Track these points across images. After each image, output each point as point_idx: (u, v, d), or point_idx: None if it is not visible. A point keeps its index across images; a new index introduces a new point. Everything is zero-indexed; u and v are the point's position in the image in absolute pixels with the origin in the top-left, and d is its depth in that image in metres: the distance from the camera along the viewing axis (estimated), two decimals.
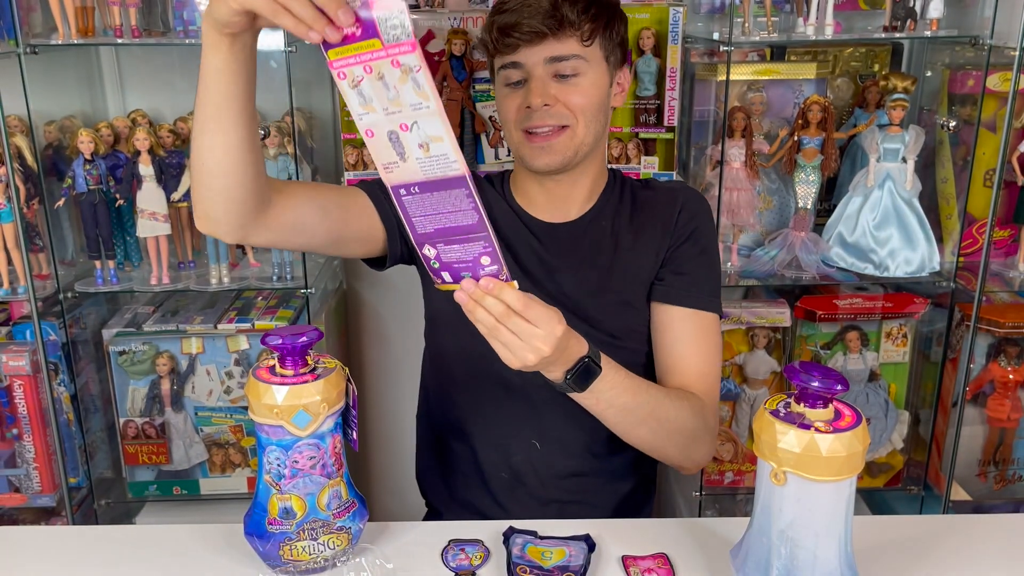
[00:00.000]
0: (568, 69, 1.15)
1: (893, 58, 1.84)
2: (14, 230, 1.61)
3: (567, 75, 1.15)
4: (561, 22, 1.12)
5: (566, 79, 1.16)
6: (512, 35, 1.13)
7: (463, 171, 0.85)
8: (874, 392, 1.83)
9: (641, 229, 1.25)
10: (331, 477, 0.98)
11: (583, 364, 1.02)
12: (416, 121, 0.82)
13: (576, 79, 1.16)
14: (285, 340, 0.94)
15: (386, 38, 0.78)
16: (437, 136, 0.82)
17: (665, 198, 1.27)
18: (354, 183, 1.72)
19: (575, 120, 1.16)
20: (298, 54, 1.62)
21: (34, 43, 1.58)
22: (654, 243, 1.24)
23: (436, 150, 0.83)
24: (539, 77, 1.15)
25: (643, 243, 1.24)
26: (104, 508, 1.86)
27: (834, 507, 0.85)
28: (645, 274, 1.23)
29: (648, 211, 1.27)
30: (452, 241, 0.92)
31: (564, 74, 1.15)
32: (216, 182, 0.97)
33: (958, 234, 1.69)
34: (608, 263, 1.24)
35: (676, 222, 1.24)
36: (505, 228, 1.26)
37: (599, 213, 1.27)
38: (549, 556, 1.01)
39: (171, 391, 1.77)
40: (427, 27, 1.70)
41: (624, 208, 1.28)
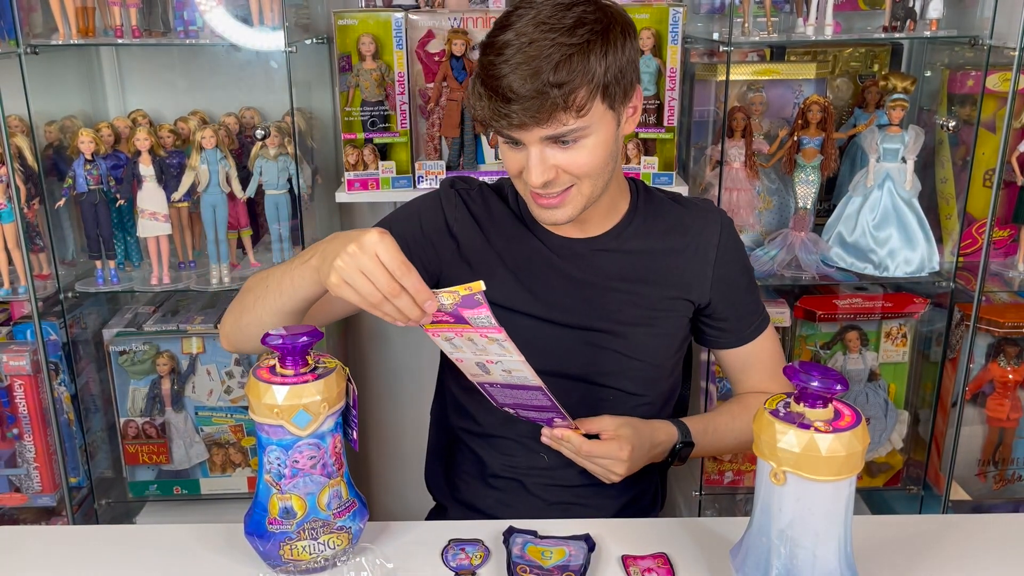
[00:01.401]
0: (568, 138, 1.05)
1: (893, 58, 1.84)
2: (15, 230, 1.61)
3: (568, 142, 1.05)
4: (551, 111, 1.00)
5: (567, 145, 1.05)
6: (499, 121, 1.03)
7: (539, 384, 1.01)
8: (874, 392, 1.83)
9: (676, 250, 1.22)
10: (331, 477, 0.98)
11: (676, 452, 1.20)
12: (500, 361, 0.99)
13: (576, 145, 1.05)
14: (285, 340, 0.94)
15: (474, 324, 0.93)
16: (518, 369, 0.99)
17: (700, 221, 1.23)
18: (354, 182, 1.74)
19: (579, 180, 1.08)
20: (298, 54, 1.62)
21: (35, 43, 1.58)
22: (693, 269, 1.21)
23: (517, 375, 1.01)
24: (535, 153, 1.05)
25: (680, 265, 1.21)
26: (104, 508, 1.86)
27: (834, 507, 0.85)
28: (682, 295, 1.22)
29: (682, 232, 1.22)
30: (528, 410, 1.10)
31: (563, 142, 1.05)
32: (257, 339, 1.01)
33: (958, 234, 1.69)
34: (640, 283, 1.21)
35: (718, 255, 1.22)
36: (521, 245, 1.21)
37: (624, 230, 1.22)
38: (549, 556, 1.01)
39: (171, 391, 1.77)
40: (427, 27, 1.70)
41: (655, 225, 1.23)
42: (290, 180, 1.68)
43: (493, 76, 1.01)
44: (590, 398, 1.21)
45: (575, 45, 1.00)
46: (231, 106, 1.88)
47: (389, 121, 1.72)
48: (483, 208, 1.24)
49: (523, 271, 1.21)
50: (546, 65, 0.99)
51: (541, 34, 1.00)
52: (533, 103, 1.00)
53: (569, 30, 1.00)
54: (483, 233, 1.22)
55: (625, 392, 1.22)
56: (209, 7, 1.59)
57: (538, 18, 1.01)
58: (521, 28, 1.01)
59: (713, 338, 1.28)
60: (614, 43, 1.03)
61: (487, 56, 1.04)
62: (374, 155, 1.73)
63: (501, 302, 1.18)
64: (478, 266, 1.21)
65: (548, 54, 0.99)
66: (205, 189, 1.66)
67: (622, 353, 1.21)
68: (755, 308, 1.28)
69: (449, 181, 1.27)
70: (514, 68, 1.00)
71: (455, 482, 1.31)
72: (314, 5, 1.86)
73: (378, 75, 1.69)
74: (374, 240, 0.90)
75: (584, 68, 1.00)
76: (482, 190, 1.26)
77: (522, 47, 1.00)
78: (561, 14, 1.01)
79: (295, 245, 1.73)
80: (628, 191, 1.24)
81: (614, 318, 1.20)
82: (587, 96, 1.01)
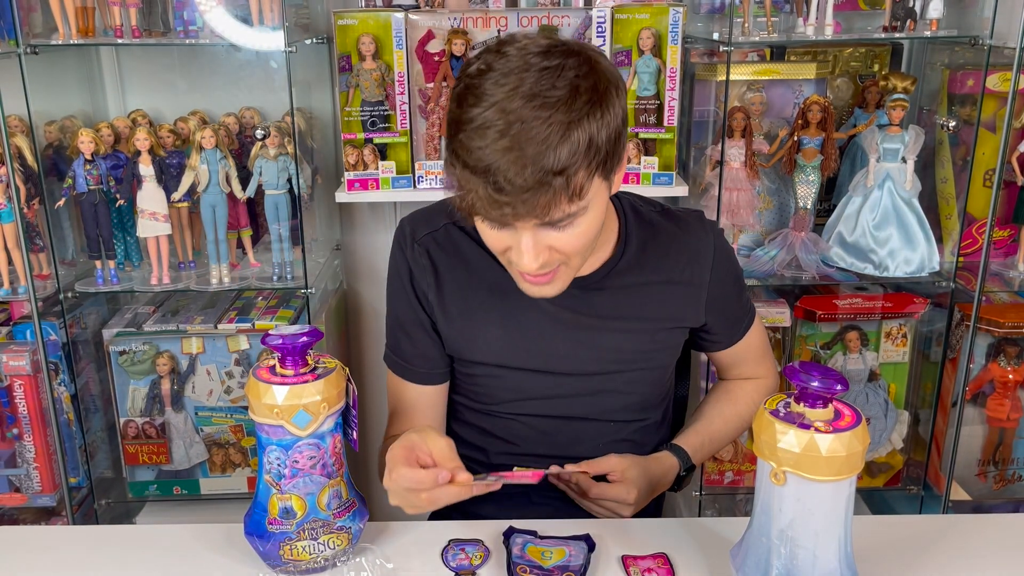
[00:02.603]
0: (564, 224, 0.93)
1: (893, 58, 1.84)
2: (14, 230, 1.61)
3: (563, 227, 0.94)
4: (549, 204, 0.88)
5: (561, 229, 0.94)
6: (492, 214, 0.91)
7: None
8: (874, 392, 1.83)
9: (671, 280, 1.16)
10: (331, 477, 0.98)
11: (680, 481, 1.22)
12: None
13: (572, 225, 0.94)
14: (285, 340, 0.94)
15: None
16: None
17: (694, 241, 1.17)
18: (354, 183, 1.74)
19: (570, 258, 0.99)
20: (298, 54, 1.62)
21: (34, 43, 1.58)
22: (689, 295, 1.17)
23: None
24: (527, 240, 0.94)
25: (676, 294, 1.17)
26: (104, 508, 1.86)
27: (834, 507, 0.85)
28: (678, 324, 1.19)
29: (676, 256, 1.16)
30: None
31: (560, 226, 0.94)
32: None
33: (958, 234, 1.69)
34: (636, 320, 1.15)
35: (712, 276, 1.17)
36: (507, 294, 1.11)
37: (616, 264, 1.14)
38: (549, 556, 1.01)
39: (171, 391, 1.77)
40: (427, 27, 1.70)
41: (648, 254, 1.15)
42: (290, 180, 1.68)
43: (480, 162, 0.87)
44: (590, 431, 1.20)
45: (574, 122, 0.86)
46: (231, 106, 1.88)
47: (389, 121, 1.72)
48: (456, 259, 1.14)
49: (512, 323, 1.13)
50: (545, 150, 0.85)
51: (532, 111, 0.85)
52: (531, 194, 0.86)
53: (565, 104, 0.86)
54: (461, 290, 1.14)
55: (624, 421, 1.22)
56: (209, 7, 1.59)
57: (522, 89, 0.86)
58: (505, 103, 0.86)
59: (706, 345, 1.26)
60: (611, 108, 0.90)
61: (466, 134, 0.88)
62: (374, 155, 1.73)
63: (494, 360, 1.16)
64: (464, 327, 1.15)
65: (546, 136, 0.85)
66: (205, 189, 1.66)
67: (621, 391, 1.19)
68: (745, 309, 1.26)
69: (411, 230, 1.16)
70: (505, 153, 0.85)
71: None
72: (314, 5, 1.86)
73: (378, 75, 1.69)
74: (395, 496, 0.99)
75: (586, 146, 0.87)
76: (448, 232, 1.15)
77: (511, 127, 0.85)
78: (550, 82, 0.86)
79: (295, 245, 1.73)
80: (616, 217, 1.15)
81: (612, 358, 1.16)
82: (586, 176, 0.89)
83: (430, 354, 1.19)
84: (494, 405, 1.21)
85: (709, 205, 1.71)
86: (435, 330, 1.18)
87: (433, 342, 1.19)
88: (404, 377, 1.22)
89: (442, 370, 1.21)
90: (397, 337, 1.22)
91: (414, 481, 0.95)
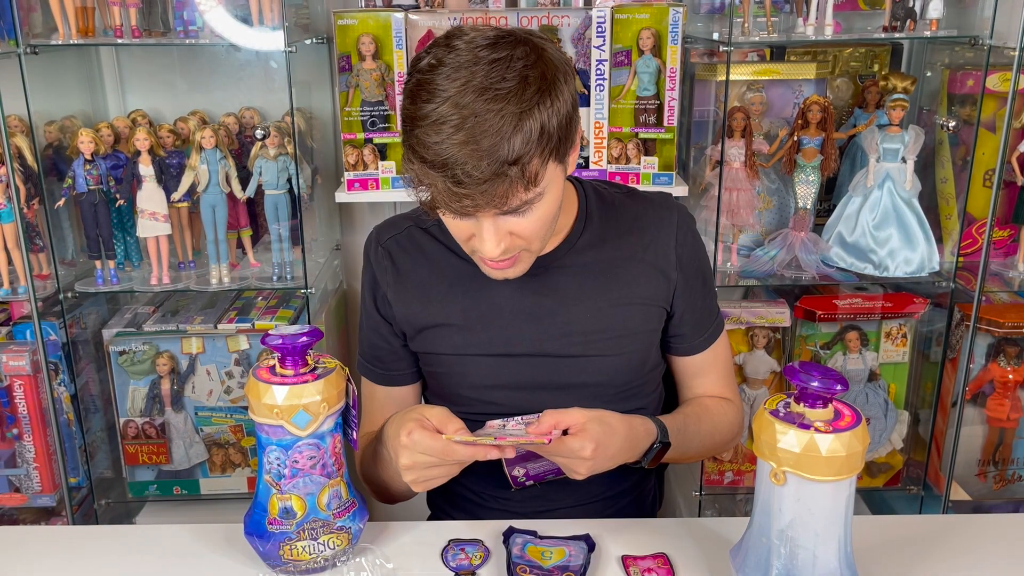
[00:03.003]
0: (520, 211, 0.97)
1: (893, 58, 1.84)
2: (14, 230, 1.61)
3: (522, 212, 0.97)
4: (507, 194, 0.91)
5: (520, 214, 0.97)
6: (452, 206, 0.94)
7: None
8: (874, 392, 1.83)
9: (635, 256, 1.16)
10: (331, 477, 0.98)
11: (656, 450, 1.10)
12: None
13: (531, 211, 0.97)
14: (285, 340, 0.94)
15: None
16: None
17: (656, 218, 1.17)
18: (354, 183, 1.74)
19: (531, 242, 1.02)
20: (298, 54, 1.62)
21: (34, 43, 1.58)
22: (655, 276, 1.16)
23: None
24: (490, 226, 0.97)
25: (640, 272, 1.15)
26: (104, 508, 1.86)
27: (834, 507, 0.85)
28: (649, 302, 1.16)
29: (639, 233, 1.16)
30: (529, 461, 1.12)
31: (519, 212, 0.97)
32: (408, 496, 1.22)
33: (958, 234, 1.69)
34: (601, 295, 1.15)
35: (679, 255, 1.16)
36: (468, 283, 1.14)
37: (576, 240, 1.15)
38: (549, 556, 1.01)
39: (171, 391, 1.77)
40: (427, 27, 1.70)
41: (609, 230, 1.16)
42: (290, 180, 1.68)
43: (438, 156, 0.89)
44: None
45: (526, 112, 0.89)
46: (231, 106, 1.88)
47: (389, 121, 1.72)
48: (417, 256, 1.18)
49: (475, 313, 1.15)
50: (500, 141, 0.88)
51: (485, 104, 0.88)
52: (489, 185, 0.90)
53: (516, 95, 0.89)
54: (422, 286, 1.17)
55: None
56: (209, 7, 1.59)
57: (474, 83, 0.89)
58: (458, 97, 0.89)
59: (673, 344, 1.22)
60: (559, 94, 0.93)
61: (422, 130, 0.91)
62: (374, 155, 1.73)
63: (457, 351, 1.16)
64: (426, 320, 1.16)
65: (499, 127, 0.88)
66: (205, 189, 1.66)
67: (592, 383, 1.16)
68: (714, 313, 1.23)
69: (376, 235, 1.21)
70: (461, 147, 0.88)
71: (456, 491, 1.30)
72: (314, 5, 1.86)
73: (378, 75, 1.69)
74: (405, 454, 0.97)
75: (538, 133, 0.90)
76: (411, 233, 1.19)
77: (465, 121, 0.88)
78: (500, 74, 0.89)
79: (295, 245, 1.73)
80: (575, 195, 1.17)
81: (578, 340, 1.14)
82: (540, 163, 0.92)
83: (400, 354, 1.22)
84: (465, 397, 1.19)
85: (709, 205, 1.71)
86: (399, 333, 1.21)
87: (400, 343, 1.22)
88: (375, 381, 1.26)
89: (412, 370, 1.24)
90: (366, 341, 1.25)
91: (430, 448, 0.96)
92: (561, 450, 0.99)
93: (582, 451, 0.98)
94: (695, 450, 1.20)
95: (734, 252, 1.77)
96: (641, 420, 1.09)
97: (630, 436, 1.05)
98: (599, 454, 0.99)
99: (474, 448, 0.96)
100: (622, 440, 1.03)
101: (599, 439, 0.99)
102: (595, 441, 0.99)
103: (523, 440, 0.97)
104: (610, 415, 1.04)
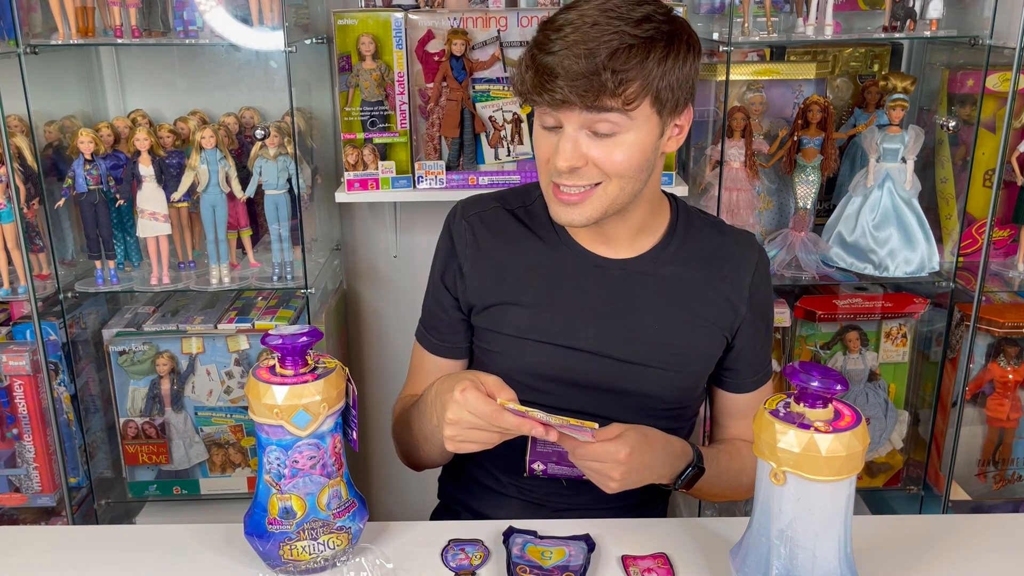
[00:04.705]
0: (605, 129, 1.01)
1: (893, 58, 1.84)
2: (14, 230, 1.61)
3: (604, 134, 1.01)
4: (599, 93, 0.97)
5: (602, 137, 1.01)
6: (543, 95, 0.99)
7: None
8: (874, 392, 1.83)
9: (712, 282, 1.17)
10: (331, 477, 0.98)
11: (690, 473, 1.11)
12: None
13: (614, 139, 1.01)
14: (285, 340, 0.94)
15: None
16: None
17: (739, 253, 1.19)
18: (354, 182, 1.74)
19: (607, 179, 1.04)
20: (298, 54, 1.62)
21: (34, 43, 1.58)
22: (726, 306, 1.17)
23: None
24: (570, 136, 1.01)
25: (713, 299, 1.16)
26: (104, 508, 1.86)
27: (834, 507, 0.85)
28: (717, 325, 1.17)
29: (720, 263, 1.17)
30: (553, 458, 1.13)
31: (601, 132, 1.01)
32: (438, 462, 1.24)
33: (957, 234, 1.69)
34: (676, 308, 1.15)
35: (751, 294, 1.18)
36: (546, 269, 1.16)
37: (660, 253, 1.16)
38: (549, 556, 1.01)
39: (171, 391, 1.77)
40: (427, 27, 1.70)
41: (694, 252, 1.17)
42: (290, 180, 1.68)
43: (546, 51, 0.98)
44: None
45: (638, 38, 0.97)
46: (231, 106, 1.88)
47: (389, 121, 1.72)
48: (499, 235, 1.19)
49: (546, 298, 1.15)
50: (604, 49, 0.96)
51: (607, 19, 0.97)
52: (582, 82, 0.96)
53: (636, 23, 0.98)
54: (499, 264, 1.17)
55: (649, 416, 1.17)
56: (209, 7, 1.59)
57: (606, 5, 0.99)
58: (586, 10, 0.98)
59: (725, 380, 1.23)
60: (677, 52, 1.00)
61: (543, 31, 1.00)
62: (374, 155, 1.73)
63: (521, 333, 1.16)
64: (496, 298, 1.17)
65: (609, 39, 0.96)
66: (205, 189, 1.66)
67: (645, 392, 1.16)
68: (765, 359, 1.23)
69: (461, 209, 1.22)
70: (570, 46, 0.96)
71: (467, 486, 1.29)
72: (314, 5, 1.86)
73: (378, 75, 1.69)
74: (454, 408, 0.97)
75: (641, 64, 0.97)
76: (496, 213, 1.20)
77: (583, 27, 0.97)
78: (631, 6, 0.99)
79: (295, 245, 1.73)
80: (668, 210, 1.19)
81: (642, 349, 1.14)
82: (638, 92, 0.98)
83: (457, 328, 1.23)
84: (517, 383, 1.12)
85: (709, 205, 1.71)
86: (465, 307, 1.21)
87: (460, 316, 1.22)
88: (427, 348, 1.26)
89: (464, 345, 1.25)
90: (427, 308, 1.27)
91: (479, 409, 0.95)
92: (597, 454, 1.00)
93: (617, 454, 1.00)
94: (721, 487, 1.20)
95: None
96: (679, 440, 1.11)
97: (666, 451, 1.08)
98: (633, 461, 1.01)
99: (521, 420, 0.95)
100: (658, 453, 1.06)
101: (634, 446, 1.01)
102: (630, 447, 1.01)
103: (572, 423, 0.95)
104: (649, 428, 1.07)
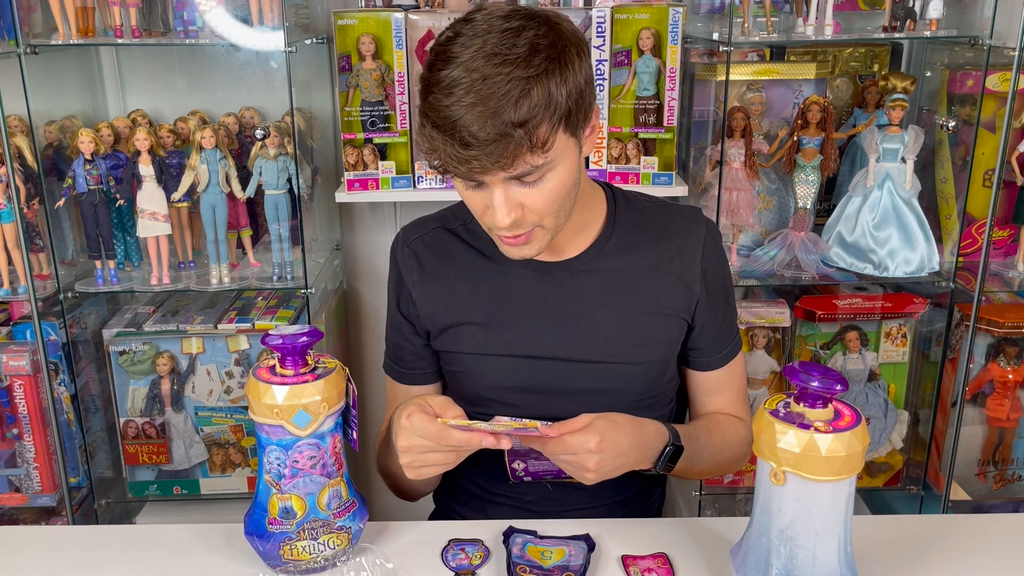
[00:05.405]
0: (531, 178, 0.97)
1: (892, 58, 1.84)
2: (14, 230, 1.61)
3: (531, 182, 0.98)
4: (515, 155, 0.93)
5: (531, 184, 0.98)
6: (459, 168, 0.95)
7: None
8: (874, 392, 1.83)
9: (662, 264, 1.16)
10: (331, 477, 0.98)
11: (669, 452, 1.09)
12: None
13: (542, 181, 0.98)
14: (285, 340, 0.94)
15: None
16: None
17: (686, 229, 1.17)
18: (354, 183, 1.74)
19: (544, 218, 1.02)
20: (298, 54, 1.62)
21: (34, 43, 1.58)
22: (679, 288, 1.16)
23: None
24: (499, 193, 0.98)
25: (665, 283, 1.15)
26: (104, 508, 1.86)
27: (834, 507, 0.85)
28: (672, 314, 1.16)
29: (667, 242, 1.16)
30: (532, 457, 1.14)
31: (528, 181, 0.98)
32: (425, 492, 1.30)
33: (957, 234, 1.69)
34: (625, 302, 1.15)
35: (704, 270, 1.16)
36: (492, 284, 1.15)
37: (604, 246, 1.15)
38: (549, 556, 1.01)
39: (171, 391, 1.77)
40: (427, 27, 1.70)
41: (637, 238, 1.16)
42: (290, 180, 1.68)
43: (447, 119, 0.92)
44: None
45: (533, 77, 0.92)
46: (231, 106, 1.88)
47: (389, 121, 1.72)
48: (443, 257, 1.19)
49: (498, 313, 1.15)
50: (506, 104, 0.90)
51: (494, 68, 0.91)
52: (495, 146, 0.91)
53: (524, 60, 0.92)
54: (448, 285, 1.17)
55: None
56: (209, 7, 1.59)
57: (485, 49, 0.92)
58: (470, 63, 0.92)
59: (692, 359, 1.22)
60: (570, 65, 0.95)
61: (435, 95, 0.94)
62: (374, 155, 1.73)
63: (479, 350, 1.16)
64: (450, 319, 1.17)
65: (506, 91, 0.90)
66: (205, 189, 1.66)
67: (611, 389, 1.16)
68: (730, 332, 1.23)
69: (403, 236, 1.23)
70: (469, 109, 0.91)
71: (457, 490, 1.30)
72: (314, 5, 1.86)
73: (378, 75, 1.69)
74: (403, 435, 0.98)
75: (546, 101, 0.92)
76: (437, 234, 1.20)
77: (474, 84, 0.91)
78: (510, 42, 0.92)
79: (295, 245, 1.73)
80: (604, 200, 1.18)
81: (600, 346, 1.14)
82: (549, 130, 0.94)
83: (421, 354, 1.24)
84: (484, 398, 1.18)
85: (709, 205, 1.71)
86: (422, 332, 1.22)
87: (421, 342, 1.23)
88: (397, 380, 1.29)
89: (432, 370, 1.26)
90: (390, 340, 1.29)
91: (426, 431, 0.96)
92: (569, 447, 0.98)
93: (587, 444, 0.97)
94: (705, 463, 1.18)
95: (734, 252, 1.77)
96: (652, 422, 1.09)
97: (639, 433, 1.05)
98: (605, 448, 0.98)
99: (469, 434, 0.95)
100: (630, 437, 1.03)
101: (604, 433, 0.99)
102: (599, 434, 0.98)
103: (517, 425, 0.96)
104: (616, 414, 1.04)
